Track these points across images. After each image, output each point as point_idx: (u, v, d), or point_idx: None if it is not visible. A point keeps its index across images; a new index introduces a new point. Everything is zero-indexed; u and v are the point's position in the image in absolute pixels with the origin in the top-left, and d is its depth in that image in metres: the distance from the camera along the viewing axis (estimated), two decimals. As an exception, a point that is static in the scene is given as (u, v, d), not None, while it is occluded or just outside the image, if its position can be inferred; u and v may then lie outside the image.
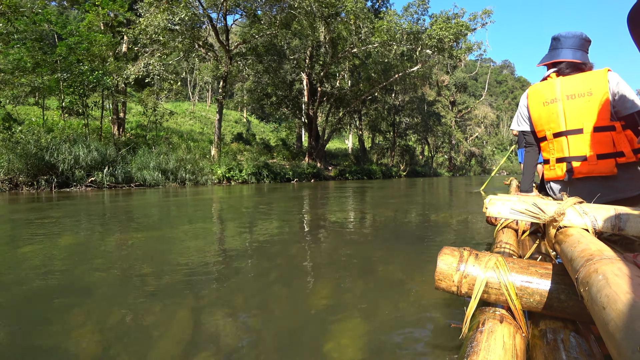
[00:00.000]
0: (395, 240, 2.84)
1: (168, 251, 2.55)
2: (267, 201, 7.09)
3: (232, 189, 11.65)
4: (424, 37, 17.62)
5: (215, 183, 15.13)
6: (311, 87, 24.18)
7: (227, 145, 24.54)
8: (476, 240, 2.85)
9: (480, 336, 0.77)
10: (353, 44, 19.70)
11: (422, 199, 7.39)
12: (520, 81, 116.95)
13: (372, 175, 24.18)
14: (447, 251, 0.97)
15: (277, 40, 19.22)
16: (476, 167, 55.39)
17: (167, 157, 14.39)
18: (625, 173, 1.61)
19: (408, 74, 22.10)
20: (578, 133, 1.66)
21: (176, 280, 1.83)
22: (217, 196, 8.56)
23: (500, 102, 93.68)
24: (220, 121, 16.89)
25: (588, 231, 0.99)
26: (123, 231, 3.37)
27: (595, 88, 1.62)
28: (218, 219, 4.37)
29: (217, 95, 16.73)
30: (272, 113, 29.28)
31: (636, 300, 0.44)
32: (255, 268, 2.07)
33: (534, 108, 1.83)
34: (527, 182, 1.95)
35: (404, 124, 37.98)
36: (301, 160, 24.02)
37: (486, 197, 1.23)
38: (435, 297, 1.52)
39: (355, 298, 1.57)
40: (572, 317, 0.82)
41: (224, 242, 2.97)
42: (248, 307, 1.49)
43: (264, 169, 16.28)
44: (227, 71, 16.59)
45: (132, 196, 8.56)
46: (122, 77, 14.36)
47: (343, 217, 4.45)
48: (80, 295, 1.65)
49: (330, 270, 2.02)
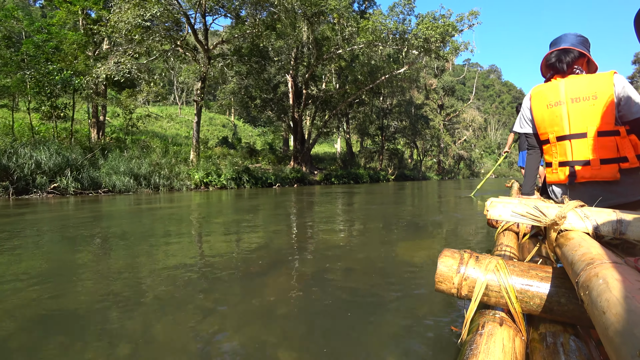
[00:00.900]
0: (390, 245, 2.77)
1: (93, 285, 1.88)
2: (233, 211, 6.42)
3: (209, 195, 10.93)
4: (410, 37, 17.19)
5: (192, 189, 14.35)
6: (296, 89, 23.56)
7: (210, 149, 23.78)
8: (471, 245, 2.74)
9: (480, 339, 0.78)
10: (338, 44, 19.19)
11: (411, 205, 6.80)
12: (507, 85, 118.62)
13: (359, 179, 23.57)
14: (448, 253, 0.98)
15: (260, 40, 18.57)
16: (465, 171, 55.43)
17: (140, 161, 13.59)
18: (628, 178, 1.58)
19: (395, 76, 21.68)
20: (582, 137, 1.63)
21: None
22: (184, 204, 7.85)
23: (487, 105, 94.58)
24: (199, 124, 16.13)
25: (589, 235, 0.98)
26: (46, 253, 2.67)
27: (600, 91, 1.57)
28: (138, 239, 3.69)
29: (195, 97, 15.95)
30: (258, 117, 28.49)
31: (637, 305, 0.44)
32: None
33: (537, 110, 1.78)
34: (528, 185, 1.91)
35: (392, 127, 37.61)
36: (287, 164, 23.36)
37: (487, 200, 1.23)
38: (435, 299, 1.51)
39: (353, 300, 1.56)
40: (572, 321, 0.82)
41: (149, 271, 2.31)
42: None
43: (244, 174, 15.55)
44: (206, 72, 15.84)
45: (94, 204, 7.83)
46: (92, 76, 13.51)
47: (325, 223, 3.82)
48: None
49: (326, 273, 2.00)
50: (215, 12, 16.67)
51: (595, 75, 1.65)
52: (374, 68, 22.15)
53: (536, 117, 1.79)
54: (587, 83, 1.62)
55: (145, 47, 14.44)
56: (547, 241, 1.12)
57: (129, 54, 13.53)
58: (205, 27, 16.51)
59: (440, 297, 1.55)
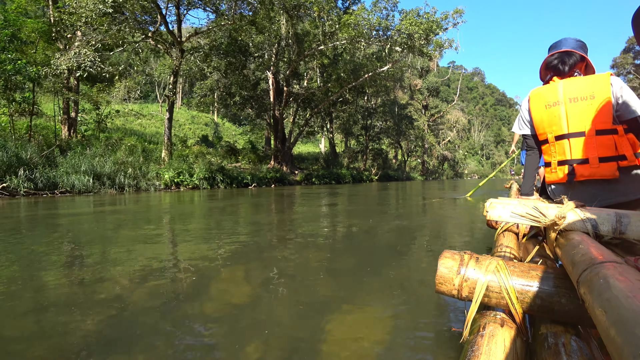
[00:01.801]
0: (386, 249, 2.70)
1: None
2: (198, 213, 5.67)
3: (176, 196, 10.11)
4: (393, 33, 16.69)
5: (161, 189, 13.46)
6: (277, 86, 22.81)
7: (188, 147, 22.82)
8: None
9: (481, 340, 0.77)
10: (319, 40, 18.57)
11: (394, 208, 6.18)
12: (490, 88, 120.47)
13: (342, 179, 22.94)
14: (448, 254, 0.98)
15: (239, 34, 17.77)
16: (449, 171, 55.67)
17: (104, 159, 12.62)
18: (627, 176, 1.59)
19: (378, 74, 21.18)
20: (580, 136, 1.65)
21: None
22: (142, 206, 7.04)
23: (471, 107, 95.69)
24: (171, 120, 15.21)
25: (589, 235, 0.99)
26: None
27: (597, 91, 1.60)
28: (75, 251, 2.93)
29: (167, 92, 15.03)
30: (239, 115, 27.55)
31: (638, 304, 0.44)
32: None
33: (535, 111, 1.80)
34: (527, 185, 1.94)
35: (377, 127, 37.22)
36: (268, 164, 22.59)
37: (487, 201, 1.26)
38: (436, 301, 1.51)
39: (354, 302, 1.54)
40: (573, 321, 0.82)
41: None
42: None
43: (218, 174, 14.71)
44: (179, 66, 14.95)
45: (46, 205, 6.96)
46: (51, 67, 12.47)
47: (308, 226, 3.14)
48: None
49: (324, 275, 1.95)
50: (192, 4, 15.76)
51: (593, 76, 1.67)
52: (357, 66, 21.63)
53: (535, 118, 1.80)
54: (585, 83, 1.64)
55: (112, 37, 13.45)
56: (547, 241, 1.13)
57: (92, 45, 12.52)
58: (179, 18, 15.60)
59: (441, 298, 1.55)
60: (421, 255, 2.51)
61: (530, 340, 0.86)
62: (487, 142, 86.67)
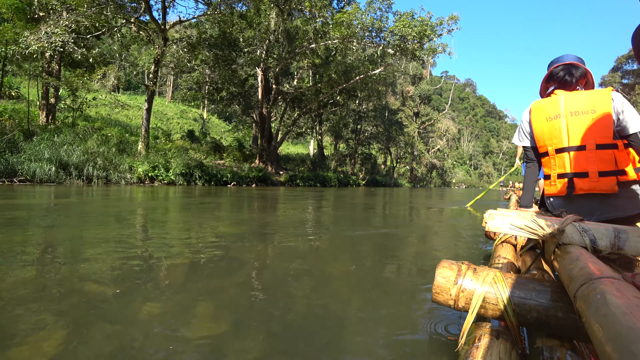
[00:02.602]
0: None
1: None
2: (148, 211, 5.01)
3: (148, 191, 9.39)
4: (386, 35, 16.27)
5: (133, 183, 12.68)
6: (266, 84, 22.19)
7: (171, 142, 22.01)
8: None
9: (476, 352, 0.77)
10: (311, 38, 18.05)
11: (381, 219, 5.63)
12: (481, 99, 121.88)
13: (327, 182, 22.35)
14: (446, 264, 0.97)
15: (227, 26, 17.14)
16: (437, 180, 55.72)
17: (72, 148, 11.80)
18: (626, 191, 1.59)
19: (370, 77, 20.75)
20: (581, 149, 1.64)
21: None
22: (98, 201, 6.34)
23: (462, 117, 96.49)
24: (149, 111, 14.44)
25: (587, 249, 0.99)
26: None
27: (599, 106, 1.60)
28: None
29: (147, 82, 14.27)
30: (226, 111, 26.76)
31: (634, 321, 0.44)
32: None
33: (536, 123, 1.79)
34: (527, 198, 1.91)
35: (368, 132, 36.85)
36: (252, 162, 21.90)
37: (486, 212, 1.22)
38: (432, 310, 1.48)
39: (348, 309, 1.48)
40: (569, 336, 0.82)
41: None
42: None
43: (196, 170, 13.98)
44: (161, 55, 14.22)
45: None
46: (20, 46, 11.63)
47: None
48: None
49: (319, 283, 1.84)
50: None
51: (594, 91, 1.66)
52: (349, 67, 21.19)
53: (535, 130, 1.79)
54: (586, 98, 1.64)
55: (90, 19, 12.65)
56: (545, 254, 1.15)
57: (67, 25, 11.71)
58: (164, 5, 14.89)
59: (437, 307, 1.48)
60: (417, 264, 2.40)
61: (526, 354, 0.86)
62: (476, 153, 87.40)
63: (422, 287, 1.81)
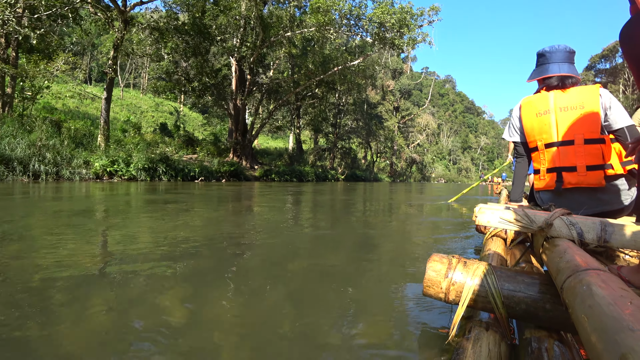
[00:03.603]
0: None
1: None
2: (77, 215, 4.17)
3: (103, 188, 8.42)
4: (365, 23, 15.60)
5: (89, 179, 11.60)
6: (241, 74, 21.17)
7: (140, 135, 20.79)
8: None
9: (467, 343, 0.77)
10: (286, 26, 17.19)
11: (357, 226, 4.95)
12: (460, 96, 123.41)
13: (304, 177, 21.61)
14: (436, 258, 0.97)
15: (197, 10, 16.06)
16: (417, 174, 55.89)
17: (17, 140, 10.63)
18: (613, 185, 1.62)
19: (348, 68, 20.09)
20: (569, 144, 1.67)
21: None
22: (29, 199, 5.41)
23: (441, 113, 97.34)
24: (109, 101, 13.28)
25: (574, 242, 0.99)
26: None
27: (587, 102, 1.63)
28: None
29: (106, 68, 13.11)
30: (198, 103, 25.53)
31: (619, 312, 0.45)
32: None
33: (526, 119, 1.82)
34: (516, 192, 1.95)
35: (348, 126, 36.25)
36: (227, 157, 20.93)
37: (476, 206, 1.22)
38: (423, 302, 1.45)
39: (338, 300, 1.47)
40: (556, 327, 0.82)
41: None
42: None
43: (160, 164, 12.98)
44: (121, 38, 13.06)
45: None
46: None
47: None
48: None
49: (307, 278, 1.81)
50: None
51: (583, 87, 1.70)
52: (327, 58, 20.45)
53: (526, 126, 1.81)
54: (575, 94, 1.67)
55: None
56: (534, 247, 1.18)
57: (6, 1, 10.46)
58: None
59: (428, 299, 1.40)
60: (408, 257, 2.36)
61: (515, 345, 0.86)
62: (455, 148, 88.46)
63: (412, 281, 1.77)
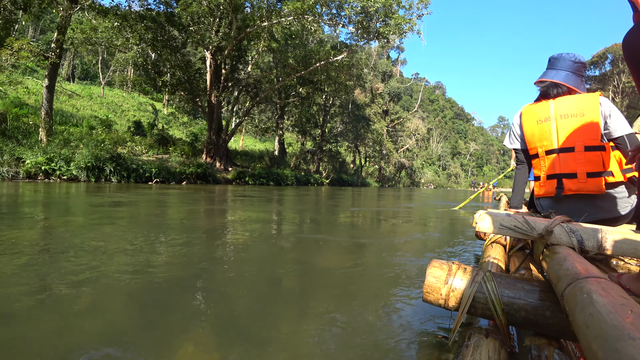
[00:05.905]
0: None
1: None
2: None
3: (30, 190, 6.72)
4: (347, 11, 14.19)
5: (19, 178, 9.84)
6: (216, 69, 19.55)
7: (114, 132, 19.05)
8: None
9: (466, 350, 0.77)
10: (262, 15, 15.69)
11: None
12: (450, 102, 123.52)
13: (283, 181, 19.97)
14: (436, 264, 0.97)
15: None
16: (405, 179, 54.70)
17: None
18: (613, 193, 1.61)
19: (331, 64, 18.64)
20: (569, 151, 1.67)
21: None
22: None
23: (431, 118, 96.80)
24: (51, 90, 11.54)
25: (574, 249, 0.99)
26: None
27: (587, 110, 1.63)
28: None
29: (48, 52, 11.37)
30: (170, 99, 23.80)
31: (619, 320, 0.44)
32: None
33: (527, 126, 1.82)
34: (516, 199, 1.94)
35: (335, 128, 34.79)
36: (201, 157, 19.23)
37: (477, 212, 1.21)
38: (422, 310, 1.46)
39: (338, 310, 1.44)
40: (556, 335, 0.82)
41: None
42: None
43: (109, 163, 11.25)
44: (66, 18, 11.37)
45: None
46: None
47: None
48: None
49: (307, 285, 1.81)
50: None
51: (583, 95, 1.69)
52: (309, 53, 18.98)
53: (526, 133, 1.81)
54: (575, 102, 1.67)
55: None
56: (534, 254, 1.15)
57: None
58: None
59: (427, 305, 1.42)
60: (408, 264, 2.29)
61: (515, 352, 0.85)
62: (445, 153, 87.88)
63: (412, 287, 1.75)
